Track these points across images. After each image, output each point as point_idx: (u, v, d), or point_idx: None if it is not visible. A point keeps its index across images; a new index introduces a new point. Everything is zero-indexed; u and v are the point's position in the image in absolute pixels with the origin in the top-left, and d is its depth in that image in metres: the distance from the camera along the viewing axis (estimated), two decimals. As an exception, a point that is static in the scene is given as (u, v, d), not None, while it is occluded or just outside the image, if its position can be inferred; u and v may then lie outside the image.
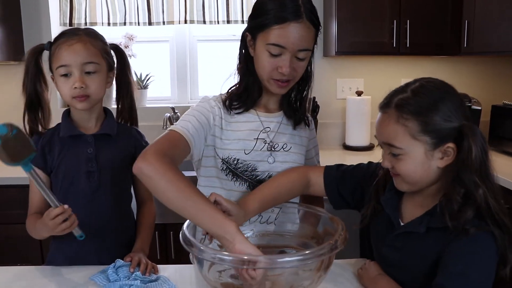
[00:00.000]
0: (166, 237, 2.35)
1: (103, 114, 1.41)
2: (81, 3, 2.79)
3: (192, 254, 1.01)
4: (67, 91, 1.28)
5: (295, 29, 1.17)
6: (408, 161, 1.04)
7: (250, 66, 1.29)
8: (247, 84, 1.30)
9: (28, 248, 2.24)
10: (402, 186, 1.09)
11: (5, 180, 2.24)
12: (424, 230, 1.05)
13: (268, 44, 1.19)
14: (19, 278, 1.27)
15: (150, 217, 1.48)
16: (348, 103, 2.86)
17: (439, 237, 1.02)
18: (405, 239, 1.09)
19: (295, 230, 1.28)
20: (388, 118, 1.05)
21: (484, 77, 2.93)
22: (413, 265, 1.08)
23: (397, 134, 1.03)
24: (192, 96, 3.08)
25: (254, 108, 1.34)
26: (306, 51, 1.22)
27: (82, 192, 1.33)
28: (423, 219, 1.06)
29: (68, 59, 1.26)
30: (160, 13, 2.82)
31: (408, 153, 1.03)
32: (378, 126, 1.09)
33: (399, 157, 1.05)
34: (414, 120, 1.01)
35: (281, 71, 1.20)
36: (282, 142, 1.34)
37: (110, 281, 1.17)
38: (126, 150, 1.41)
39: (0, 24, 2.54)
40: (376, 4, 2.56)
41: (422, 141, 1.02)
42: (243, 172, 1.31)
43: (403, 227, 1.11)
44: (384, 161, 1.09)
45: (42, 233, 1.24)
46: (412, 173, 1.05)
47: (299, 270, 1.03)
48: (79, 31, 1.32)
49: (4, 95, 2.83)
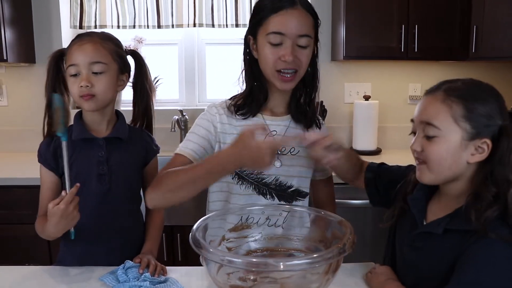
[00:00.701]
0: (173, 239, 2.36)
1: (115, 117, 1.42)
2: (91, 6, 2.82)
3: (201, 256, 1.02)
4: (75, 90, 1.30)
5: (292, 15, 1.21)
6: (441, 145, 1.02)
7: (254, 70, 1.31)
8: (252, 88, 1.32)
9: (37, 248, 2.26)
10: (426, 176, 1.07)
11: (14, 181, 2.27)
12: (441, 231, 1.04)
13: (268, 35, 1.22)
14: (28, 278, 1.28)
15: (159, 219, 1.49)
16: (356, 107, 2.87)
17: (458, 241, 1.01)
18: (425, 239, 1.09)
19: (303, 234, 1.28)
20: (434, 99, 1.04)
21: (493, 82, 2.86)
22: (429, 266, 1.08)
23: (439, 113, 1.02)
24: (200, 99, 3.10)
25: (260, 112, 1.35)
26: (307, 38, 1.24)
27: (93, 194, 1.34)
28: (442, 221, 1.06)
29: (77, 59, 1.28)
30: (169, 16, 2.84)
31: (444, 136, 1.02)
32: (420, 106, 1.08)
33: (433, 140, 1.03)
34: (461, 103, 1.01)
35: (284, 59, 1.22)
36: (290, 146, 1.35)
37: (120, 282, 1.18)
38: (137, 154, 1.43)
39: (12, 26, 2.57)
40: (384, 9, 2.56)
41: (462, 128, 1.01)
42: (249, 175, 1.33)
43: (423, 227, 1.11)
44: (415, 143, 1.07)
45: (51, 229, 1.22)
46: (442, 159, 1.03)
47: (307, 273, 1.04)
48: (93, 33, 1.34)
49: (16, 96, 2.86)
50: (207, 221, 1.16)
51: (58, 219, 1.18)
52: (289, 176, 1.36)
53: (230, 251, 1.20)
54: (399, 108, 3.02)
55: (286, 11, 1.21)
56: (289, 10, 1.21)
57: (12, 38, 2.57)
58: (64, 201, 1.16)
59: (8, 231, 2.31)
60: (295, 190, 1.37)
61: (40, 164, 1.36)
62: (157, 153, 1.49)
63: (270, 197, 1.35)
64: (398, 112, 3.01)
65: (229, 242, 1.24)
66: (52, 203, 1.17)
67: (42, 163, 1.36)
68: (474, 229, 0.98)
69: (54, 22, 2.83)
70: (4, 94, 2.87)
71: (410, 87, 3.01)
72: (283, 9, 1.21)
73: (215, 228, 1.21)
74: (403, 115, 3.01)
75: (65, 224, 1.19)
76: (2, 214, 2.30)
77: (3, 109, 2.88)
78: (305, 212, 1.30)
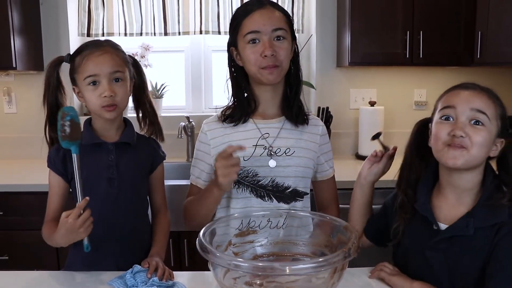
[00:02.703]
0: (180, 245, 2.37)
1: (123, 123, 1.44)
2: (98, 14, 2.85)
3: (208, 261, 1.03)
4: (96, 100, 1.31)
5: (262, 14, 1.32)
6: (485, 133, 1.10)
7: (239, 79, 1.40)
8: (239, 99, 1.41)
9: (45, 254, 2.28)
10: (459, 160, 1.10)
11: (23, 187, 2.29)
12: (472, 232, 1.09)
13: (245, 36, 1.32)
14: (36, 283, 1.29)
15: (166, 224, 1.51)
16: (361, 113, 2.88)
17: (487, 235, 1.07)
18: (450, 240, 1.12)
19: (308, 239, 1.29)
20: (479, 93, 1.13)
21: (497, 88, 2.85)
22: (461, 266, 1.11)
23: (490, 106, 1.11)
24: (207, 105, 3.12)
25: (252, 118, 1.41)
26: (281, 30, 1.33)
27: (102, 198, 1.36)
28: (468, 221, 1.10)
29: (97, 69, 1.30)
30: (176, 23, 2.87)
31: (488, 126, 1.11)
32: (466, 96, 1.13)
33: (479, 127, 1.10)
34: (498, 104, 1.13)
35: (264, 53, 1.30)
36: (285, 146, 1.39)
37: (128, 286, 1.19)
38: (145, 160, 1.45)
39: (21, 34, 2.61)
40: (389, 16, 2.57)
41: (497, 125, 1.12)
42: (244, 178, 1.37)
43: (449, 231, 1.13)
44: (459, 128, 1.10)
45: (58, 240, 1.24)
46: (483, 146, 1.10)
47: (312, 278, 1.05)
48: (103, 43, 1.36)
49: (24, 103, 2.90)
50: (214, 226, 1.18)
51: (65, 232, 1.19)
52: (285, 176, 1.38)
53: (236, 256, 1.21)
54: (404, 113, 3.02)
55: (256, 12, 1.32)
56: (259, 10, 1.32)
57: (21, 46, 2.60)
58: (72, 215, 1.17)
59: (16, 237, 2.33)
60: (292, 191, 1.39)
61: (49, 169, 1.38)
62: (163, 160, 1.51)
63: (269, 199, 1.38)
64: (404, 118, 3.01)
65: (236, 247, 1.25)
66: (65, 213, 1.18)
67: (51, 168, 1.37)
68: (502, 221, 1.06)
69: (62, 30, 2.87)
70: (13, 101, 2.91)
71: (415, 93, 3.01)
72: (253, 11, 1.32)
73: (221, 234, 1.23)
74: (408, 120, 2.99)
75: (71, 238, 1.20)
76: (11, 220, 2.32)
77: (12, 116, 2.92)
78: (306, 214, 1.35)
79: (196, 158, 1.47)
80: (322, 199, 1.55)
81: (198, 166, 1.46)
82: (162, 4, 2.85)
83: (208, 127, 1.44)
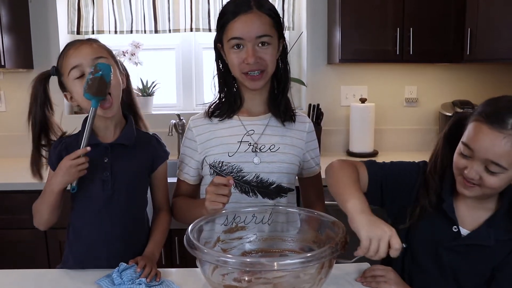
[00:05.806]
0: (171, 243, 2.37)
1: (123, 121, 1.41)
2: (88, 12, 2.84)
3: (196, 257, 1.03)
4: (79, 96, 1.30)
5: (247, 19, 1.29)
6: (503, 178, 1.06)
7: (226, 75, 1.39)
8: (225, 95, 1.41)
9: (36, 253, 2.28)
10: (470, 193, 1.10)
11: (13, 186, 2.28)
12: (493, 244, 1.10)
13: (230, 41, 1.31)
14: (25, 281, 1.28)
15: (165, 223, 1.48)
16: (352, 110, 2.88)
17: (505, 245, 1.10)
18: (470, 245, 1.13)
19: (296, 235, 1.30)
20: (504, 140, 1.03)
21: (487, 85, 2.93)
22: (474, 271, 1.13)
23: (509, 154, 1.03)
24: (197, 103, 3.11)
25: (237, 114, 1.42)
26: (266, 37, 1.30)
27: (96, 199, 1.34)
28: (489, 233, 1.11)
29: (79, 60, 1.28)
30: (166, 21, 2.86)
31: (508, 171, 1.05)
32: (485, 142, 1.05)
33: (495, 174, 1.05)
34: None
35: (247, 61, 1.29)
36: (270, 143, 1.39)
37: (115, 285, 1.19)
38: (143, 160, 1.42)
39: (10, 32, 2.59)
40: (379, 12, 2.58)
41: None
42: (229, 174, 1.37)
43: (471, 238, 1.13)
44: (472, 172, 1.07)
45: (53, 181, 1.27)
46: (498, 188, 1.08)
47: (300, 273, 1.05)
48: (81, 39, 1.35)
49: (14, 101, 2.88)
50: (201, 223, 1.18)
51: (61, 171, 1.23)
52: (269, 172, 1.38)
53: (225, 253, 1.22)
54: (395, 110, 3.04)
55: (241, 17, 1.29)
56: (245, 14, 1.29)
57: (10, 44, 2.58)
58: (72, 154, 1.22)
59: (7, 236, 2.32)
60: (277, 187, 1.39)
61: (48, 166, 1.38)
62: (165, 159, 1.48)
63: (253, 195, 1.38)
64: (395, 115, 3.03)
65: (224, 243, 1.26)
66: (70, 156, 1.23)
67: (49, 165, 1.37)
68: None
69: (52, 28, 2.85)
70: (2, 99, 2.89)
71: (406, 90, 3.03)
72: (239, 15, 1.29)
73: (208, 230, 1.24)
74: (399, 117, 3.04)
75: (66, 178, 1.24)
76: (2, 219, 2.30)
77: (1, 114, 2.90)
78: (293, 209, 1.35)
79: (184, 154, 1.47)
80: (308, 196, 1.56)
81: (186, 162, 1.46)
82: (152, 1, 2.84)
83: (194, 124, 1.44)
